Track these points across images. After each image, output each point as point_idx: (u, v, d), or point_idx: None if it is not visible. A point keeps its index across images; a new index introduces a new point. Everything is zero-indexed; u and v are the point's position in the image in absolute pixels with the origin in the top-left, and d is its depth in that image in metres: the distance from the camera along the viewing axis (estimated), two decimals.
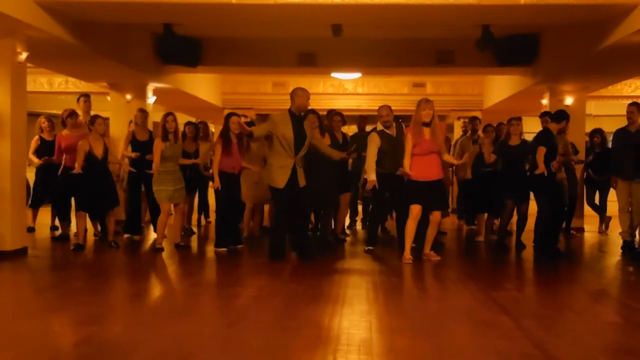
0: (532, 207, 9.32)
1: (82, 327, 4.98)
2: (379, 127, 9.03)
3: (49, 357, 4.25)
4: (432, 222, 8.34)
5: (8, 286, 7.15)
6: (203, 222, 12.64)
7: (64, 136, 10.11)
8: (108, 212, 9.27)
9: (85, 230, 9.54)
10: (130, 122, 11.01)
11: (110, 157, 9.26)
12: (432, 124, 8.16)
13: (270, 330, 4.97)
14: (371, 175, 8.74)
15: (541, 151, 8.71)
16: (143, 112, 10.28)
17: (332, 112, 10.20)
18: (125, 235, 10.17)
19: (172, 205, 9.09)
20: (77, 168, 8.77)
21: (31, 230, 10.55)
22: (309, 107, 8.92)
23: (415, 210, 8.21)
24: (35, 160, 10.48)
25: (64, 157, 10.01)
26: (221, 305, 6.01)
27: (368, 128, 11.14)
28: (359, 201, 12.43)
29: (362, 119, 11.26)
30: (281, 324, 5.17)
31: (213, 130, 18.28)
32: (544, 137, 8.96)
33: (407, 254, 8.20)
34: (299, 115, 8.37)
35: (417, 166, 8.17)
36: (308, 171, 8.46)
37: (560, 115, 9.10)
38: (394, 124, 9.04)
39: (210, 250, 9.11)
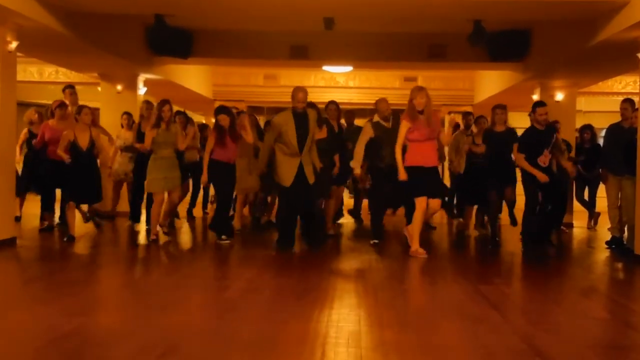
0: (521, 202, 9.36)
1: (70, 318, 4.96)
2: (376, 118, 9.08)
3: (38, 347, 4.24)
4: (430, 209, 8.27)
5: None
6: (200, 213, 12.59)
7: (49, 127, 9.92)
8: (90, 204, 9.19)
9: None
10: (123, 114, 10.97)
11: (98, 148, 9.14)
12: (425, 112, 8.11)
13: (259, 323, 4.97)
14: (356, 168, 8.99)
15: (519, 158, 8.76)
16: (148, 104, 10.28)
17: (328, 103, 10.27)
18: (127, 223, 10.17)
19: (165, 193, 9.03)
20: (65, 158, 8.69)
21: (17, 219, 10.50)
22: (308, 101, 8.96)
23: (424, 202, 8.09)
24: (18, 155, 10.36)
25: (47, 147, 9.90)
26: (210, 297, 6.01)
27: (357, 122, 11.18)
28: (350, 195, 12.42)
29: (349, 114, 11.21)
30: (270, 317, 5.18)
31: (203, 121, 18.26)
32: (524, 136, 8.98)
33: (419, 248, 8.13)
34: (301, 113, 8.40)
35: (415, 152, 8.11)
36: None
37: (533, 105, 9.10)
38: (391, 118, 9.08)
39: (201, 242, 9.09)
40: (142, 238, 9.45)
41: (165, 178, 8.91)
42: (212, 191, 11.60)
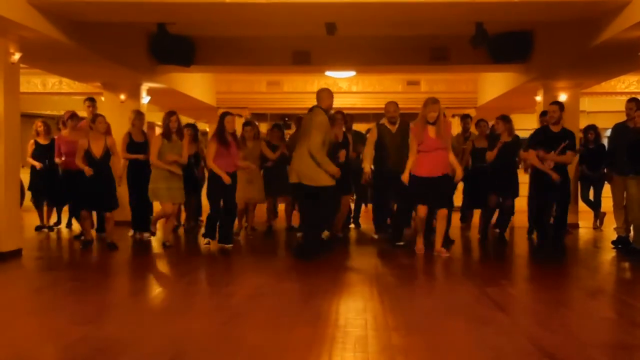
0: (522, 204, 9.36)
1: (77, 326, 4.97)
2: (383, 120, 9.19)
3: (46, 356, 4.25)
4: (440, 218, 8.39)
5: (3, 287, 7.13)
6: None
7: (64, 139, 9.99)
8: (105, 213, 9.15)
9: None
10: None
11: (114, 157, 9.11)
12: (437, 123, 8.17)
13: (266, 329, 4.97)
14: (366, 167, 9.11)
15: (530, 155, 8.82)
16: (139, 114, 10.25)
17: (335, 113, 10.27)
18: (130, 233, 10.17)
19: (171, 204, 9.04)
20: (86, 170, 8.67)
21: (45, 228, 10.70)
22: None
23: (422, 211, 8.31)
24: (36, 163, 10.41)
25: (63, 158, 9.97)
26: (216, 303, 6.01)
27: (355, 127, 11.25)
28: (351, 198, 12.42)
29: (348, 118, 11.22)
30: (277, 322, 5.18)
31: (207, 129, 18.30)
32: (534, 133, 9.08)
33: (420, 244, 8.43)
34: (308, 112, 8.52)
35: (422, 162, 8.22)
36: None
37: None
38: (399, 121, 9.14)
39: (206, 249, 9.08)
40: (148, 246, 9.47)
41: (168, 189, 8.92)
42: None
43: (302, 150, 8.20)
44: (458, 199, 11.88)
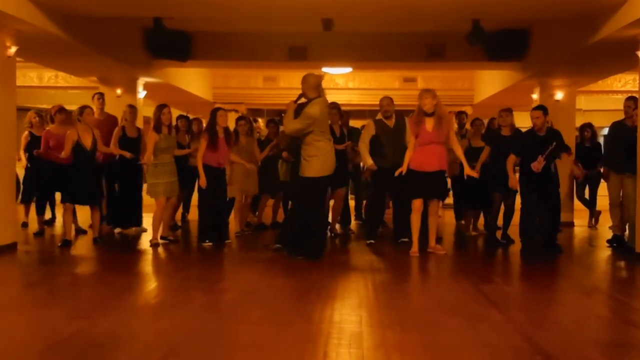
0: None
1: (71, 321, 4.96)
2: (379, 116, 9.12)
3: (39, 351, 4.24)
4: (431, 212, 8.37)
5: None
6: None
7: (52, 133, 9.89)
8: (94, 206, 9.13)
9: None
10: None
11: (100, 147, 9.05)
12: (436, 115, 8.08)
13: (260, 325, 4.97)
14: (367, 161, 8.93)
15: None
16: (132, 108, 10.18)
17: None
18: (117, 230, 10.12)
19: (165, 199, 9.02)
20: (65, 153, 8.63)
21: (25, 225, 10.53)
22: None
23: (417, 204, 8.22)
24: (24, 159, 10.36)
25: (49, 152, 9.88)
26: (211, 299, 6.00)
27: (353, 123, 11.20)
28: (351, 195, 12.40)
29: (345, 115, 11.17)
30: (271, 318, 5.18)
31: (204, 124, 18.26)
32: (521, 137, 9.04)
33: (415, 247, 8.24)
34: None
35: (417, 156, 8.13)
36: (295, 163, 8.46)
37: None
38: (394, 116, 9.07)
39: (200, 245, 9.07)
40: (142, 242, 9.46)
41: (167, 183, 8.89)
42: None
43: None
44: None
